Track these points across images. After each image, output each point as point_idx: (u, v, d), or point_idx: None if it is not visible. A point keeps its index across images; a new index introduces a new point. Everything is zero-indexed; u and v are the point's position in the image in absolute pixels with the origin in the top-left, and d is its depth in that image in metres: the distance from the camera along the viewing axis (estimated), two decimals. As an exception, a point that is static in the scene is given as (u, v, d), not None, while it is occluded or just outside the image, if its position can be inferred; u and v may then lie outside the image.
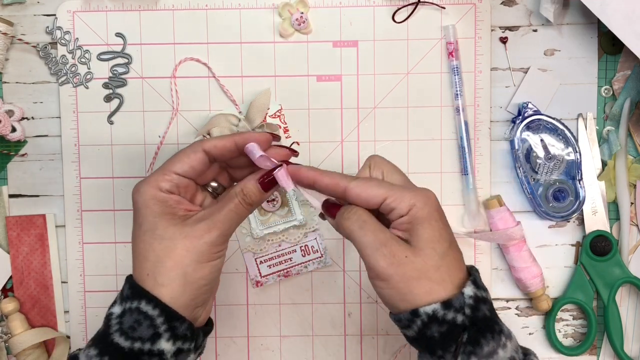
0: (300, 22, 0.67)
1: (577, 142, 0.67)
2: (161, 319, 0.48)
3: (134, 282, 0.50)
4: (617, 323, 0.68)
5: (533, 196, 0.67)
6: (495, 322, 0.48)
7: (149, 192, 0.50)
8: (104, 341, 0.49)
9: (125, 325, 0.48)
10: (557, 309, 0.68)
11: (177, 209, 0.51)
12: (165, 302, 0.48)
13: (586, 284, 0.68)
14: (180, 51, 0.68)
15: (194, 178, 0.52)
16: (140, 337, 0.48)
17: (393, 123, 0.68)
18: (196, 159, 0.51)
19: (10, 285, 0.69)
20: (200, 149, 0.51)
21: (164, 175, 0.51)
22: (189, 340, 0.50)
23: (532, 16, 0.68)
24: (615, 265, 0.68)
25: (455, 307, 0.46)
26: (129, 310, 0.49)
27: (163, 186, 0.51)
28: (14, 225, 0.68)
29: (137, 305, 0.49)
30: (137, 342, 0.48)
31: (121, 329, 0.48)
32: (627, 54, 0.67)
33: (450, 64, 0.68)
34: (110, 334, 0.49)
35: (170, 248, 0.49)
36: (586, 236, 0.68)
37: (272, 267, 0.69)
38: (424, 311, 0.46)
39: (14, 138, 0.68)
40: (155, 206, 0.50)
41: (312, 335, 0.70)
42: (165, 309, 0.48)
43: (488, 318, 0.47)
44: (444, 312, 0.46)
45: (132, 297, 0.49)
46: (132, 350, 0.48)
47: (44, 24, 0.68)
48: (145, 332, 0.48)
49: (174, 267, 0.49)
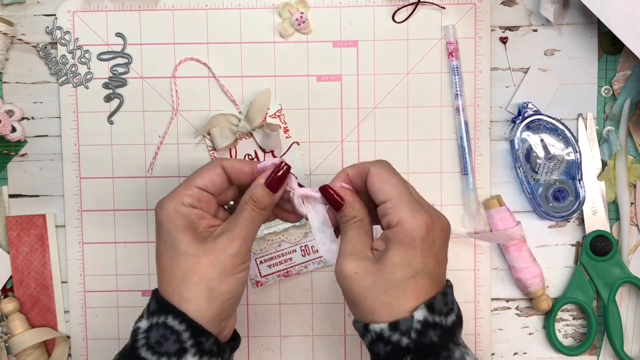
0: (300, 22, 0.67)
1: (577, 142, 0.67)
2: (187, 333, 0.49)
3: (160, 297, 0.50)
4: (617, 323, 0.68)
5: (533, 196, 0.67)
6: (444, 349, 0.47)
7: (171, 207, 0.51)
8: (130, 355, 0.49)
9: (152, 340, 0.49)
10: (557, 309, 0.68)
11: (198, 224, 0.52)
12: (191, 317, 0.49)
13: (586, 284, 0.68)
14: (180, 51, 0.68)
15: (214, 193, 0.53)
16: (167, 352, 0.48)
17: (393, 123, 0.68)
18: (215, 174, 0.53)
19: (10, 285, 0.69)
20: (219, 165, 0.53)
21: (185, 190, 0.52)
22: (215, 356, 0.50)
23: (532, 16, 0.68)
24: (615, 265, 0.68)
25: (401, 329, 0.47)
26: (156, 325, 0.49)
27: (185, 200, 0.51)
28: (14, 225, 0.68)
29: (163, 320, 0.49)
30: (164, 357, 0.48)
31: (148, 343, 0.49)
32: (627, 54, 0.67)
33: (450, 64, 0.68)
34: (137, 349, 0.49)
35: (195, 264, 0.50)
36: (586, 236, 0.68)
37: (272, 267, 0.69)
38: (373, 328, 0.48)
39: (14, 138, 0.68)
40: (178, 220, 0.51)
41: (312, 335, 0.70)
42: (191, 324, 0.49)
43: (435, 344, 0.47)
44: (389, 332, 0.47)
45: (158, 311, 0.50)
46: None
47: (44, 24, 0.68)
48: (172, 347, 0.48)
49: (199, 282, 0.49)
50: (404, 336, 0.47)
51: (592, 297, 0.69)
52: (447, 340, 0.48)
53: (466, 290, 0.69)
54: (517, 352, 0.70)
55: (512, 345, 0.70)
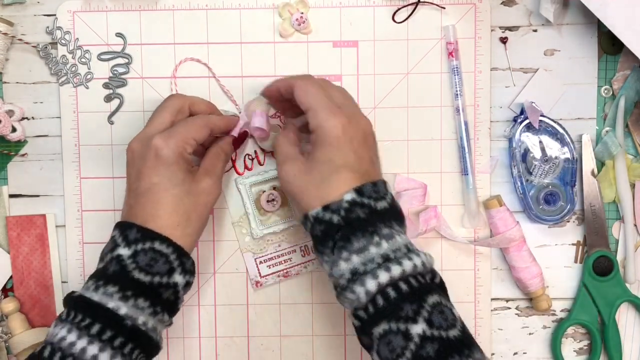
0: (300, 22, 0.67)
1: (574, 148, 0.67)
2: (174, 255, 0.56)
3: (142, 227, 0.56)
4: (617, 342, 0.68)
5: (524, 196, 0.67)
6: (370, 224, 0.53)
7: (179, 150, 0.58)
8: (123, 278, 0.55)
9: (142, 263, 0.55)
10: (562, 332, 0.69)
11: (190, 168, 0.59)
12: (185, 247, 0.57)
13: (590, 305, 0.69)
14: (180, 51, 0.68)
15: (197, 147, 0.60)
16: (159, 272, 0.55)
17: (393, 123, 0.68)
18: (206, 133, 0.60)
19: (11, 285, 0.69)
20: (208, 126, 0.61)
21: (187, 139, 0.58)
22: (191, 275, 0.58)
23: (532, 16, 0.68)
24: (616, 285, 0.68)
25: (332, 209, 0.54)
26: (142, 250, 0.55)
27: (188, 149, 0.59)
28: (14, 225, 0.68)
29: (150, 246, 0.55)
30: (157, 277, 0.55)
31: (139, 266, 0.55)
32: (627, 54, 0.67)
33: (450, 64, 0.68)
34: (129, 272, 0.55)
35: (195, 203, 0.58)
36: (589, 257, 0.68)
37: (271, 267, 0.69)
38: (310, 214, 0.55)
39: (14, 138, 0.68)
40: (183, 164, 0.58)
41: (312, 335, 0.70)
42: (176, 247, 0.56)
43: (362, 219, 0.53)
44: (323, 213, 0.54)
45: (142, 239, 0.56)
46: (152, 283, 0.55)
47: (44, 24, 0.68)
48: (162, 267, 0.56)
49: (197, 219, 0.59)
50: (334, 214, 0.54)
51: (596, 318, 0.69)
52: (376, 220, 0.54)
53: (466, 290, 0.69)
54: (517, 352, 0.70)
55: (512, 345, 0.70)
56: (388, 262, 0.52)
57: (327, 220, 0.54)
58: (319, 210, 0.54)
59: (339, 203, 0.54)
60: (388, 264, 0.52)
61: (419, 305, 0.51)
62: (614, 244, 0.70)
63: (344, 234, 0.53)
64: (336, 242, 0.54)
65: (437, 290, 0.54)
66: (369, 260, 0.52)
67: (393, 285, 0.52)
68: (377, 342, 0.52)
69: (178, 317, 0.69)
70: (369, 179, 0.56)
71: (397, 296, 0.51)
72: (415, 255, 0.53)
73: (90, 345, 0.52)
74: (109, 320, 0.53)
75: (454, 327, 0.52)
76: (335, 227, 0.54)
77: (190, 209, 0.58)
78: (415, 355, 0.50)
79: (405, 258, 0.52)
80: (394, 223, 0.55)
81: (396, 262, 0.52)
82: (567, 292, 0.70)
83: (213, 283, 0.69)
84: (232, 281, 0.69)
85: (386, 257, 0.52)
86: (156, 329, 0.56)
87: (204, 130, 0.60)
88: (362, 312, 0.53)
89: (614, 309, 0.68)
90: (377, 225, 0.54)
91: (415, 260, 0.53)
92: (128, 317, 0.54)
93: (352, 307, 0.54)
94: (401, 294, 0.51)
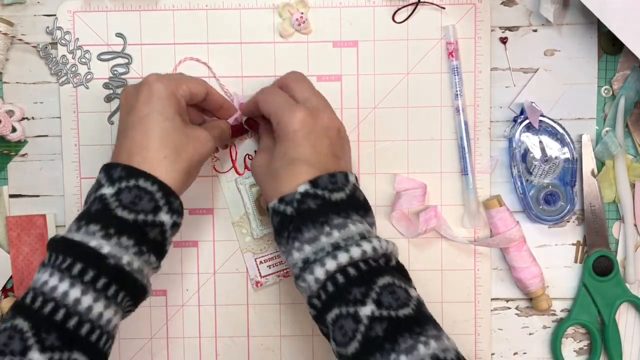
0: (300, 22, 0.67)
1: (574, 148, 0.67)
2: (160, 194, 0.55)
3: (126, 165, 0.55)
4: (617, 342, 0.68)
5: (524, 196, 0.67)
6: (322, 215, 0.54)
7: (171, 89, 0.58)
8: (105, 216, 0.53)
9: (126, 201, 0.54)
10: (562, 332, 0.69)
11: (184, 113, 0.59)
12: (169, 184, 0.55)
13: (590, 305, 0.69)
14: (180, 51, 0.68)
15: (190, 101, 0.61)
16: (143, 210, 0.54)
17: (393, 123, 0.68)
18: (201, 90, 0.61)
19: (11, 285, 0.69)
20: (205, 87, 0.61)
21: (181, 83, 0.59)
22: (180, 215, 0.57)
23: (532, 16, 0.68)
24: (616, 285, 0.68)
25: (286, 201, 0.55)
26: (126, 188, 0.54)
27: (180, 91, 0.59)
28: (14, 225, 0.69)
29: (134, 183, 0.54)
30: (141, 214, 0.54)
31: (122, 204, 0.54)
32: (627, 54, 0.67)
33: (450, 64, 0.68)
34: (112, 210, 0.53)
35: (184, 142, 0.57)
36: (589, 257, 0.68)
37: (271, 267, 0.69)
38: (270, 207, 0.57)
39: (14, 138, 0.68)
40: (175, 103, 0.58)
41: (312, 335, 0.70)
42: (162, 185, 0.55)
43: (312, 210, 0.55)
44: (278, 205, 0.56)
45: (127, 177, 0.54)
46: (136, 221, 0.54)
47: (44, 24, 0.68)
48: (147, 205, 0.54)
49: (186, 159, 0.57)
50: (288, 206, 0.55)
51: (596, 318, 0.69)
52: (329, 210, 0.55)
53: (466, 290, 0.69)
54: (517, 352, 0.70)
55: (512, 345, 0.70)
56: (337, 250, 0.53)
57: (282, 211, 0.56)
58: (275, 202, 0.56)
59: (293, 195, 0.55)
60: (336, 252, 0.53)
61: (367, 287, 0.52)
62: (614, 244, 0.70)
63: (296, 225, 0.55)
64: (290, 233, 0.55)
65: (391, 272, 0.54)
66: (320, 250, 0.53)
67: (341, 271, 0.53)
68: (331, 328, 0.53)
69: (178, 317, 0.69)
70: (327, 171, 0.56)
71: (345, 281, 0.52)
72: (366, 242, 0.54)
73: (72, 288, 0.51)
74: (90, 260, 0.51)
75: (405, 306, 0.52)
76: (288, 218, 0.55)
77: (180, 146, 0.56)
78: (365, 336, 0.51)
79: (354, 245, 0.53)
80: (352, 213, 0.56)
81: (344, 250, 0.53)
82: (567, 292, 0.70)
83: (213, 283, 0.69)
84: (232, 281, 0.69)
85: (336, 246, 0.53)
86: (142, 271, 0.54)
87: (200, 86, 0.60)
88: (315, 300, 0.54)
89: (614, 309, 0.68)
90: (329, 216, 0.55)
91: (364, 247, 0.53)
92: (111, 256, 0.52)
93: (307, 296, 0.55)
94: (349, 278, 0.52)
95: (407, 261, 0.69)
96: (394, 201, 0.68)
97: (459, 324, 0.69)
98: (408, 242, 0.69)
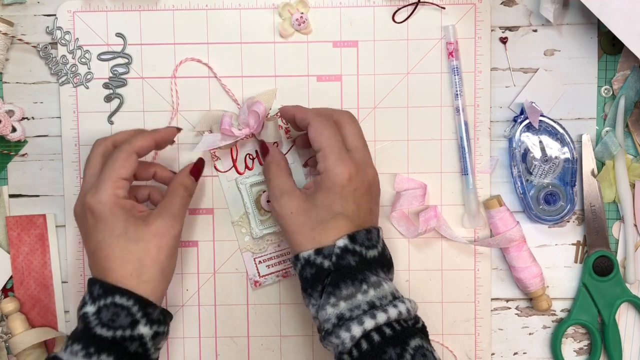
0: (300, 22, 0.67)
1: (574, 148, 0.67)
2: (136, 307, 0.55)
3: (103, 282, 0.55)
4: (617, 342, 0.68)
5: (524, 196, 0.67)
6: (360, 272, 0.54)
7: (111, 201, 0.56)
8: (86, 336, 0.54)
9: (105, 319, 0.54)
10: (562, 331, 0.69)
11: (134, 212, 0.58)
12: (148, 297, 0.55)
13: (590, 305, 0.69)
14: (180, 51, 0.68)
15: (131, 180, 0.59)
16: (121, 326, 0.54)
17: (393, 123, 0.68)
18: (134, 162, 0.59)
19: (11, 285, 0.69)
20: (133, 153, 0.59)
21: (115, 183, 0.57)
22: (162, 324, 0.57)
23: (532, 16, 0.68)
24: (616, 285, 0.68)
25: (324, 254, 0.55)
26: (105, 306, 0.55)
27: (120, 193, 0.57)
28: (14, 225, 0.69)
29: (111, 300, 0.54)
30: (119, 330, 0.54)
31: (101, 322, 0.54)
32: (627, 54, 0.67)
33: (450, 64, 0.68)
34: (91, 329, 0.54)
35: (145, 248, 0.56)
36: (589, 257, 0.68)
37: (271, 267, 0.69)
38: (302, 255, 0.56)
39: (14, 138, 0.68)
40: (120, 212, 0.57)
41: (312, 335, 0.70)
42: (138, 298, 0.55)
43: (352, 267, 0.55)
44: (314, 257, 0.55)
45: (104, 294, 0.55)
46: (114, 338, 0.54)
47: (44, 24, 0.68)
48: (124, 320, 0.54)
49: (152, 264, 0.56)
50: (326, 259, 0.55)
51: (596, 318, 0.69)
52: (365, 267, 0.55)
53: (466, 290, 0.69)
54: (517, 352, 0.70)
55: (512, 345, 0.70)
56: (374, 309, 0.53)
57: (319, 264, 0.55)
58: (311, 253, 0.56)
59: (331, 248, 0.55)
60: (374, 310, 0.53)
61: (402, 348, 0.52)
62: (614, 244, 0.70)
63: (334, 280, 0.55)
64: (325, 287, 0.55)
65: (420, 335, 0.55)
66: (356, 307, 0.54)
67: (377, 330, 0.53)
68: None
69: (178, 317, 0.69)
70: (363, 226, 0.57)
71: (381, 340, 0.53)
72: (400, 302, 0.54)
73: None
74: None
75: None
76: (325, 271, 0.55)
77: (142, 255, 0.56)
78: None
79: (390, 305, 0.54)
80: (380, 271, 0.57)
81: (382, 310, 0.53)
82: (567, 292, 0.70)
83: (213, 283, 0.69)
84: (232, 281, 0.69)
85: (372, 305, 0.54)
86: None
87: (127, 163, 0.58)
88: (346, 356, 0.54)
89: (614, 309, 0.68)
90: (366, 274, 0.55)
91: (400, 307, 0.54)
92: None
93: (337, 351, 0.55)
94: (385, 338, 0.53)
95: (407, 261, 0.69)
96: (394, 201, 0.68)
97: (459, 324, 0.69)
98: (408, 242, 0.69)
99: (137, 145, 0.59)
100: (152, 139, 0.61)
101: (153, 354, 0.57)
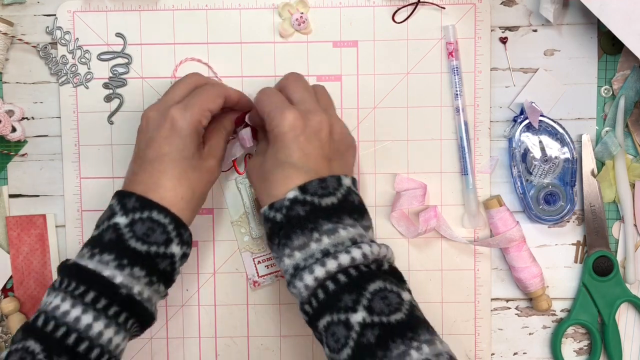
0: (300, 22, 0.67)
1: (574, 148, 0.67)
2: (172, 226, 0.56)
3: (140, 196, 0.56)
4: (617, 342, 0.68)
5: (524, 197, 0.67)
6: (310, 221, 0.54)
7: (195, 122, 0.58)
8: (119, 247, 0.55)
9: (139, 232, 0.55)
10: (562, 331, 0.69)
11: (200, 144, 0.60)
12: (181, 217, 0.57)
13: (590, 305, 0.69)
14: (180, 51, 0.68)
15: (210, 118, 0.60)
16: (156, 242, 0.55)
17: (393, 123, 0.68)
18: (221, 103, 0.61)
19: (11, 285, 0.69)
20: (223, 95, 0.61)
21: (203, 111, 0.59)
22: (189, 246, 0.59)
23: (532, 16, 0.68)
24: (616, 285, 0.68)
25: (276, 207, 0.55)
26: (140, 219, 0.55)
27: (203, 121, 0.59)
28: (14, 225, 0.69)
29: (148, 215, 0.55)
30: (153, 246, 0.55)
31: (135, 235, 0.55)
32: (627, 54, 0.67)
33: (450, 64, 0.68)
34: (125, 241, 0.55)
35: (199, 179, 0.59)
36: (589, 257, 0.68)
37: (269, 267, 0.69)
38: (262, 211, 0.57)
39: (14, 138, 0.68)
40: (196, 138, 0.58)
41: (312, 335, 0.69)
42: (175, 218, 0.56)
43: (301, 217, 0.54)
44: (269, 212, 0.56)
45: (141, 208, 0.56)
46: (148, 253, 0.55)
47: (44, 24, 0.68)
48: (159, 237, 0.55)
49: (199, 196, 0.59)
50: (277, 212, 0.55)
51: (596, 318, 0.69)
52: (318, 216, 0.54)
53: (466, 290, 0.69)
54: (517, 352, 0.70)
55: (512, 345, 0.70)
56: (326, 257, 0.53)
57: (272, 218, 0.56)
58: (266, 209, 0.56)
59: (282, 201, 0.55)
60: (325, 259, 0.53)
61: (358, 294, 0.52)
62: (614, 244, 0.70)
63: (286, 232, 0.55)
64: (280, 240, 0.55)
65: (382, 277, 0.53)
66: (310, 256, 0.54)
67: (332, 278, 0.53)
68: (324, 334, 0.54)
69: (178, 317, 0.69)
70: (319, 175, 0.56)
71: (336, 288, 0.52)
72: (355, 248, 0.53)
73: (85, 314, 0.52)
74: (103, 289, 0.53)
75: (397, 311, 0.51)
76: (278, 225, 0.55)
77: (195, 184, 0.58)
78: (358, 343, 0.51)
79: (343, 252, 0.53)
80: (344, 217, 0.55)
81: (332, 257, 0.53)
82: (567, 292, 0.70)
83: (213, 283, 0.69)
84: (232, 281, 0.69)
85: (325, 252, 0.53)
86: (151, 300, 0.56)
87: (218, 100, 0.60)
88: (307, 306, 0.54)
89: (614, 309, 0.68)
90: (319, 222, 0.54)
91: (353, 253, 0.53)
92: (123, 285, 0.53)
93: (298, 302, 0.55)
94: (339, 285, 0.52)
95: (407, 261, 0.69)
96: (394, 201, 0.68)
97: (459, 324, 0.69)
98: (408, 242, 0.69)
99: (230, 91, 0.62)
100: (239, 97, 0.63)
101: (176, 275, 0.59)
